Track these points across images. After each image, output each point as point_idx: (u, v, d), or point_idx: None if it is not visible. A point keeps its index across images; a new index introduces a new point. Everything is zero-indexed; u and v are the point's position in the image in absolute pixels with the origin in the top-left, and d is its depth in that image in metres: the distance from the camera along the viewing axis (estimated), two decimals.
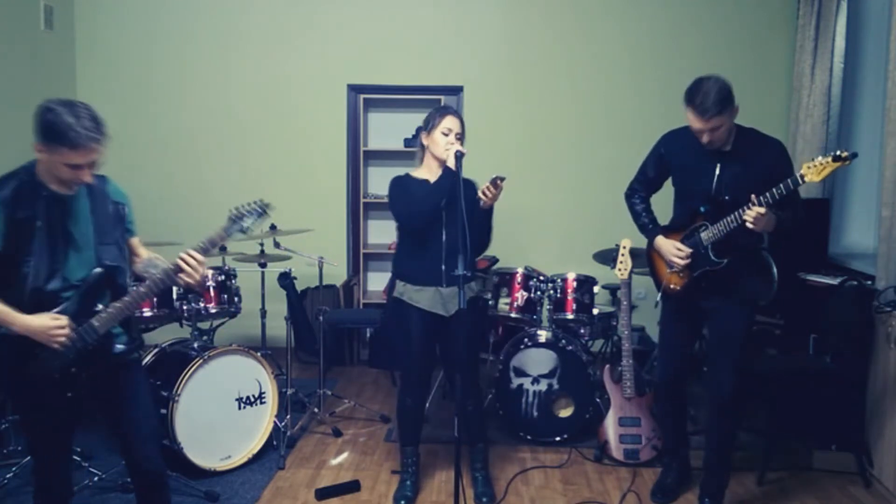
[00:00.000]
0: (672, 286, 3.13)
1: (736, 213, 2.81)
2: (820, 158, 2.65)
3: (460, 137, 3.14)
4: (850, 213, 4.87)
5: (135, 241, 2.53)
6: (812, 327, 4.03)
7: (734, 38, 5.38)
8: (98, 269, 2.32)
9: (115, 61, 5.51)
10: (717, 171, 2.95)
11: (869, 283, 3.84)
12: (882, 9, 4.57)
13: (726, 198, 2.90)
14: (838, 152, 2.63)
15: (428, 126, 3.20)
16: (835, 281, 4.02)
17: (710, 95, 2.77)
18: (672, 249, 3.06)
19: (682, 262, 3.02)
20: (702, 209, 2.98)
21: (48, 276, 2.25)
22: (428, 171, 3.20)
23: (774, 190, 2.71)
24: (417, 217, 3.12)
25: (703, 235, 2.97)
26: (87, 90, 5.49)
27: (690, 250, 3.01)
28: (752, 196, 2.74)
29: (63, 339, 2.22)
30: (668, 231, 3.16)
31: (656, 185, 3.29)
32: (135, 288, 2.35)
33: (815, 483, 3.55)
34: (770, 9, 5.37)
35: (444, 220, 3.13)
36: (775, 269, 4.37)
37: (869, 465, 3.58)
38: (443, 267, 3.15)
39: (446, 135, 3.12)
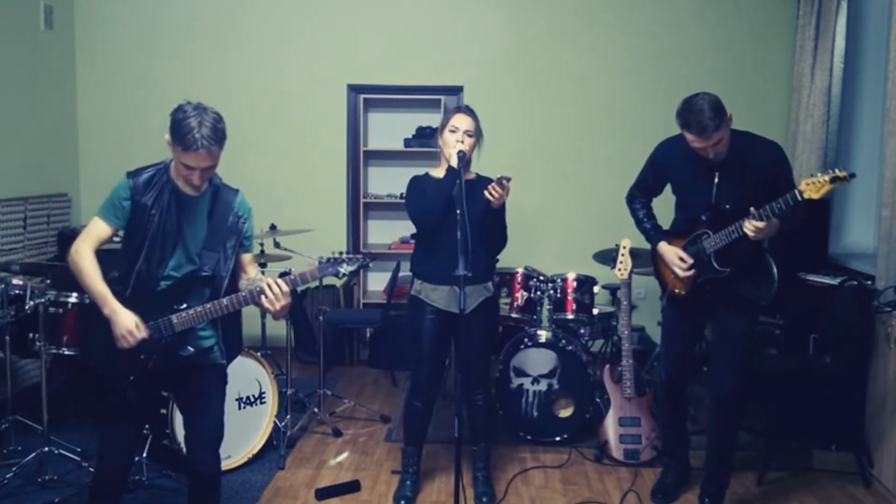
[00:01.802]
0: (677, 290, 3.13)
1: (737, 224, 2.80)
2: (819, 176, 2.60)
3: (471, 135, 3.14)
4: (850, 213, 4.87)
5: (247, 257, 2.59)
6: (812, 327, 4.03)
7: (734, 38, 5.38)
8: (197, 274, 2.41)
9: (115, 61, 5.51)
10: (716, 180, 2.93)
11: (869, 283, 3.84)
12: (882, 9, 4.57)
13: (727, 206, 2.89)
14: (836, 172, 2.57)
15: (441, 126, 3.22)
16: (835, 281, 4.02)
17: (705, 112, 2.72)
18: (675, 259, 3.06)
19: (686, 274, 3.02)
20: (703, 217, 2.97)
21: (156, 264, 2.37)
22: (442, 171, 3.22)
23: (774, 204, 2.69)
24: (425, 216, 3.14)
25: (706, 244, 2.96)
26: (87, 90, 5.49)
27: (692, 261, 3.00)
28: (752, 209, 2.72)
29: (126, 344, 2.31)
30: (670, 236, 3.16)
31: (656, 191, 3.29)
32: (222, 299, 2.41)
33: (815, 483, 3.55)
34: (770, 9, 5.37)
35: (458, 219, 3.13)
36: (775, 270, 4.37)
37: (869, 465, 3.58)
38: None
39: (453, 132, 3.13)
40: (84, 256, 2.35)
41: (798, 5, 5.15)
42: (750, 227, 2.73)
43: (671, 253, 3.08)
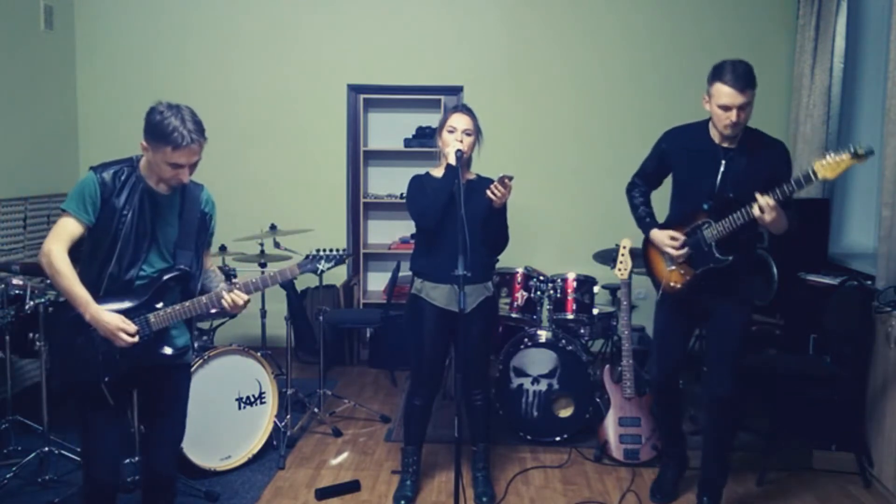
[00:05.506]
0: (672, 284, 3.06)
1: (743, 210, 2.77)
2: (833, 155, 2.58)
3: (469, 134, 3.16)
4: (850, 213, 4.87)
5: (207, 251, 2.59)
6: (812, 327, 4.03)
7: (734, 38, 5.37)
8: (173, 272, 2.39)
9: (115, 61, 5.51)
10: (722, 168, 2.90)
11: (869, 283, 3.84)
12: (882, 9, 4.57)
13: (730, 195, 2.85)
14: (855, 149, 2.54)
15: (440, 126, 3.24)
16: (835, 281, 4.02)
17: (741, 67, 2.76)
18: (666, 240, 3.00)
19: (678, 253, 2.97)
20: (705, 206, 2.92)
21: (129, 265, 2.34)
22: (442, 171, 3.24)
23: (785, 185, 2.67)
24: (426, 214, 3.15)
25: (707, 233, 2.91)
26: (87, 90, 5.49)
27: (684, 238, 2.97)
28: (757, 195, 2.69)
29: (123, 343, 2.29)
30: (665, 228, 3.09)
31: (656, 181, 3.25)
32: (197, 298, 2.41)
33: (815, 483, 3.55)
34: (770, 9, 5.37)
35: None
36: (775, 269, 4.38)
37: (869, 465, 3.58)
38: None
39: (451, 132, 3.15)
40: (58, 258, 2.27)
41: (798, 5, 5.15)
42: (762, 201, 2.66)
43: (662, 234, 3.03)
